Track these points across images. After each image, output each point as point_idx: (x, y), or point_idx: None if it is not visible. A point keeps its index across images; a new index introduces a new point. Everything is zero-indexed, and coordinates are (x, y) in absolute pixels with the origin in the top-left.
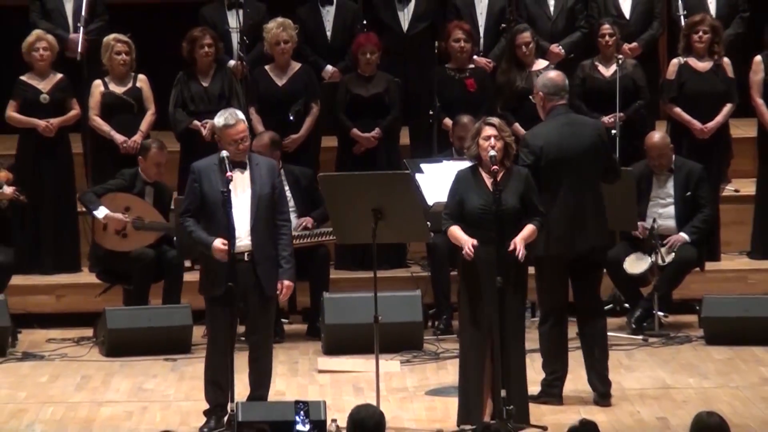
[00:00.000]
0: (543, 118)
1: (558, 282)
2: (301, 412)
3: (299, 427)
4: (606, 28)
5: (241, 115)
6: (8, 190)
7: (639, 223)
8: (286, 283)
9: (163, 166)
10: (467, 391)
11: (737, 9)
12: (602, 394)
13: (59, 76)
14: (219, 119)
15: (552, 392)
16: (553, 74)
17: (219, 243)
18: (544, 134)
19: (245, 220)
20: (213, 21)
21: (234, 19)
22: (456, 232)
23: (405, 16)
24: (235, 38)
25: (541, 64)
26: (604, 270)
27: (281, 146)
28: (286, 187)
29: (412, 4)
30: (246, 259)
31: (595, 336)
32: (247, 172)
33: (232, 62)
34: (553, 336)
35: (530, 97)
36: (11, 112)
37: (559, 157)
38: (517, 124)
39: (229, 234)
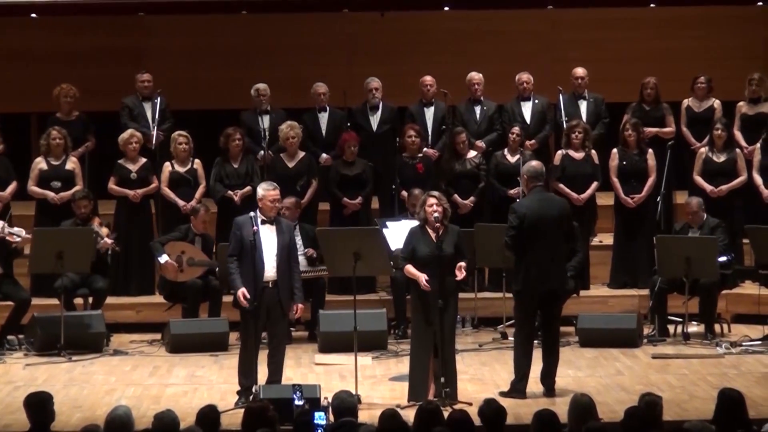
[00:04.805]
0: (527, 194)
1: (530, 309)
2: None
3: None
4: (515, 129)
5: (275, 185)
6: (109, 241)
7: None
8: (300, 305)
9: (207, 223)
10: (415, 379)
11: (600, 116)
12: (549, 388)
13: (144, 160)
14: (263, 186)
15: (518, 388)
16: (535, 164)
17: (241, 294)
18: (527, 205)
19: (272, 258)
20: (249, 123)
21: (263, 122)
22: (411, 269)
23: (375, 121)
24: (264, 135)
25: (471, 153)
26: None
27: (299, 206)
28: (298, 237)
29: (379, 112)
30: (271, 286)
31: (551, 348)
32: (274, 226)
33: (261, 152)
34: (523, 347)
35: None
36: (111, 185)
37: (535, 221)
38: (456, 195)
39: (256, 263)
